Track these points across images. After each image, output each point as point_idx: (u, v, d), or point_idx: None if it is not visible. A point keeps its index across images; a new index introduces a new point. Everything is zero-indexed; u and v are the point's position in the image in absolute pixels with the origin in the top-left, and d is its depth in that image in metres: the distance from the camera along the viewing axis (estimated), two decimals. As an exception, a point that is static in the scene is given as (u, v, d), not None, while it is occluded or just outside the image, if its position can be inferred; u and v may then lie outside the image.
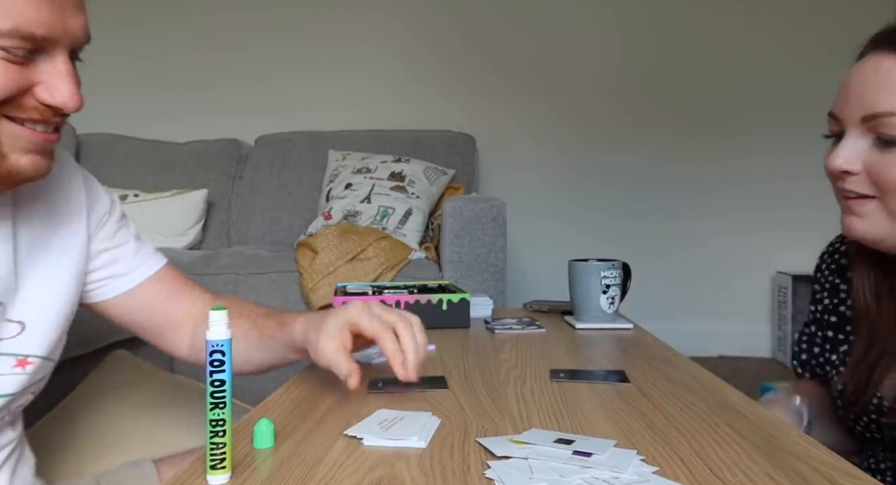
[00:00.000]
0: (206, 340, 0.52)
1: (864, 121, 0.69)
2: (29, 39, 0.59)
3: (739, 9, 2.98)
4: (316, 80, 3.01)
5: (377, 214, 2.22)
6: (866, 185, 0.71)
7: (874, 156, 0.69)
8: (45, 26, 0.60)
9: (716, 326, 2.96)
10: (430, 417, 0.66)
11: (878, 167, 0.69)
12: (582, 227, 3.03)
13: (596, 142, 3.05)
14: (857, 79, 0.71)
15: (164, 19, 3.02)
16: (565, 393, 0.76)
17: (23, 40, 0.59)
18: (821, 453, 0.56)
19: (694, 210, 3.03)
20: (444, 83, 3.03)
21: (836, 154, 0.71)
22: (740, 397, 0.74)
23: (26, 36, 0.59)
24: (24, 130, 0.63)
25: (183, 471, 0.55)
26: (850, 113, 0.71)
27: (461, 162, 2.61)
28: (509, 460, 0.55)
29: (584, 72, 3.04)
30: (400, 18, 3.03)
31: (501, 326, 1.18)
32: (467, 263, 1.96)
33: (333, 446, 0.59)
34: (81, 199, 0.83)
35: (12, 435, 0.80)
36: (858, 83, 0.70)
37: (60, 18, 0.61)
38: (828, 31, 2.81)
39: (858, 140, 0.71)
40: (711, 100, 3.02)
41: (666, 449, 0.57)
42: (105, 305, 0.88)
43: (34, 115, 0.63)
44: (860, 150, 0.70)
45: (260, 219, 2.57)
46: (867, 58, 0.71)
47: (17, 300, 0.74)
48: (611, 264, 1.18)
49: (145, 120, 2.91)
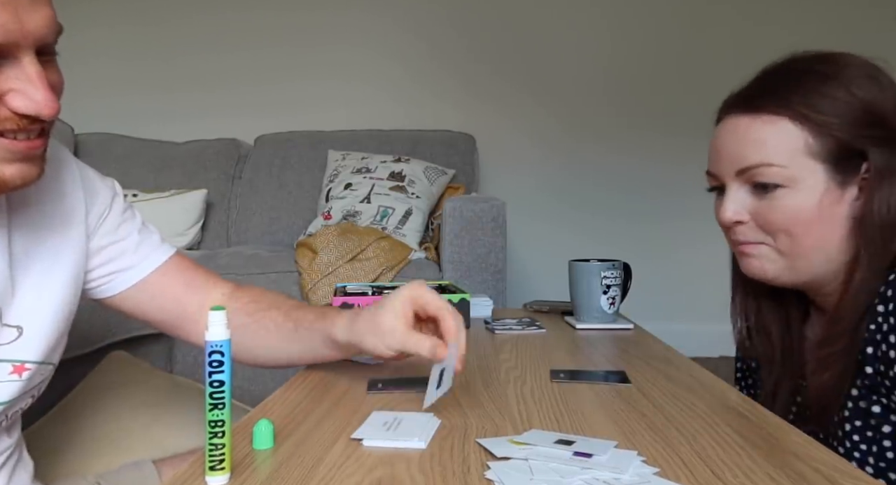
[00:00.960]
0: (205, 341, 0.52)
1: (739, 174, 0.80)
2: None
3: (736, 10, 2.98)
4: (315, 81, 3.01)
5: (377, 214, 2.22)
6: (755, 231, 0.80)
7: (755, 203, 0.79)
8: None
9: (716, 326, 2.94)
10: (431, 417, 0.66)
11: (761, 213, 0.79)
12: (582, 227, 3.02)
13: (596, 142, 3.05)
14: (723, 140, 0.82)
15: (163, 19, 3.02)
16: (565, 393, 0.75)
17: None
18: (822, 454, 0.56)
19: (695, 210, 3.02)
20: (444, 83, 3.03)
21: (724, 208, 0.82)
22: (741, 397, 0.74)
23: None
24: (3, 141, 0.59)
25: (182, 472, 0.55)
26: (725, 169, 0.82)
27: (461, 162, 2.60)
28: (509, 460, 0.54)
29: (584, 72, 3.04)
30: (400, 19, 3.03)
31: (501, 327, 1.17)
32: (467, 264, 1.96)
33: (333, 447, 0.59)
34: (79, 197, 0.81)
35: (9, 441, 0.79)
36: (725, 143, 0.82)
37: (16, 20, 0.55)
38: (821, 32, 2.81)
39: (738, 191, 0.81)
40: (710, 100, 3.01)
41: (667, 450, 0.57)
42: (115, 299, 0.86)
43: (10, 126, 0.59)
44: (742, 199, 0.81)
45: (259, 219, 2.56)
46: (725, 120, 0.82)
47: (14, 305, 0.73)
48: (611, 265, 1.18)
49: (144, 119, 2.90)
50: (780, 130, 0.77)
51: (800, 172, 0.76)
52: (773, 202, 0.77)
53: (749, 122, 0.79)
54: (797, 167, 0.76)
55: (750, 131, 0.79)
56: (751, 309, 0.90)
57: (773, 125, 0.77)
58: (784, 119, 0.76)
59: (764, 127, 0.77)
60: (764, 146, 0.77)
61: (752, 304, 0.90)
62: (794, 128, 0.76)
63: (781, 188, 0.77)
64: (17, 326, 0.73)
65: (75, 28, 3.23)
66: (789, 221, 0.77)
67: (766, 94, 0.79)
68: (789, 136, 0.76)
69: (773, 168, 0.76)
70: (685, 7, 3.00)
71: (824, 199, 0.76)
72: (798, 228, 0.77)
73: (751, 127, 0.79)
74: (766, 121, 0.77)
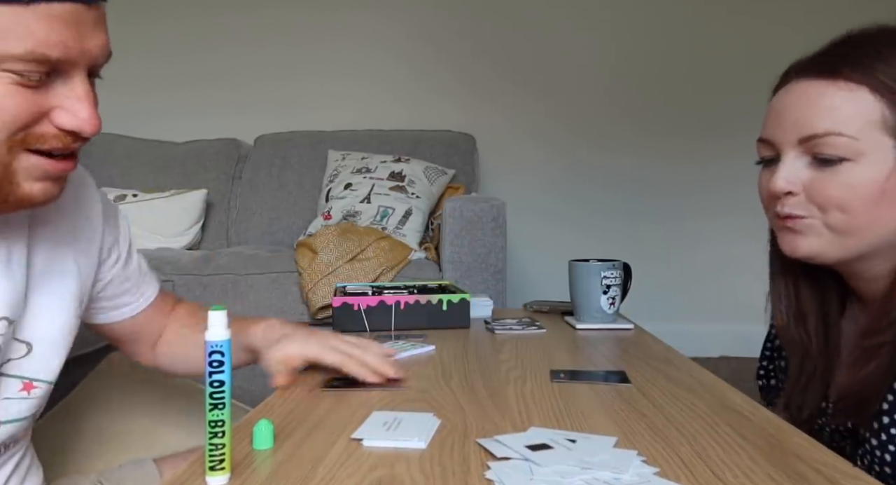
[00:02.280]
0: (205, 341, 0.52)
1: (802, 142, 0.73)
2: (43, 62, 0.56)
3: (738, 12, 2.98)
4: (316, 80, 3.01)
5: (377, 214, 2.22)
6: (804, 205, 0.74)
7: (812, 175, 0.73)
8: (60, 48, 0.57)
9: (717, 326, 2.95)
10: (431, 417, 0.66)
11: (817, 186, 0.73)
12: (582, 227, 3.02)
13: (596, 142, 3.05)
14: (789, 104, 0.75)
15: (162, 19, 3.02)
16: (565, 393, 0.75)
17: (37, 64, 0.56)
18: (822, 454, 0.56)
19: (695, 210, 3.03)
20: (444, 83, 3.03)
21: (776, 176, 0.75)
22: (741, 397, 0.74)
23: (40, 59, 0.56)
24: (40, 160, 0.61)
25: (182, 472, 0.55)
26: (786, 136, 0.75)
27: (461, 162, 2.60)
28: (509, 460, 0.54)
29: (585, 73, 3.04)
30: (400, 19, 3.03)
31: (501, 327, 1.17)
32: (467, 264, 1.96)
33: (333, 447, 0.59)
34: (97, 226, 0.82)
35: (14, 448, 0.79)
36: (791, 108, 0.75)
37: (78, 39, 0.58)
38: (826, 34, 2.81)
39: (796, 161, 0.74)
40: (711, 101, 3.02)
41: (667, 450, 0.57)
42: (96, 324, 0.91)
43: (55, 145, 0.60)
44: (799, 170, 0.74)
45: (259, 219, 2.56)
46: (794, 84, 0.75)
47: (26, 320, 0.73)
48: (611, 265, 1.18)
49: (144, 119, 2.90)
50: (857, 99, 0.71)
51: (870, 146, 0.70)
52: (835, 176, 0.72)
53: (823, 87, 0.72)
54: (868, 140, 0.70)
55: (824, 97, 0.72)
56: (790, 293, 0.84)
57: (849, 93, 0.71)
58: (863, 88, 0.70)
59: (839, 93, 0.71)
60: (836, 114, 0.71)
61: (791, 287, 0.84)
62: (872, 99, 0.70)
63: (846, 162, 0.71)
64: (26, 343, 0.74)
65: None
66: (848, 196, 0.71)
67: (847, 60, 0.72)
68: (866, 106, 0.70)
69: (843, 138, 0.71)
70: (688, 8, 3.00)
71: (892, 177, 0.70)
72: (856, 204, 0.71)
73: (825, 93, 0.72)
74: (843, 87, 0.71)
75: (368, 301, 1.18)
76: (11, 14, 0.54)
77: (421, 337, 1.09)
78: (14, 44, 0.54)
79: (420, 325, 1.18)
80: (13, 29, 0.54)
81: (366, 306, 1.17)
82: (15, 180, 0.60)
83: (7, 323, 0.69)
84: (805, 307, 0.83)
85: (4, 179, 0.59)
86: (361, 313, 1.18)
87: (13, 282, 0.70)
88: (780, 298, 0.85)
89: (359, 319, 1.17)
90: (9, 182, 0.60)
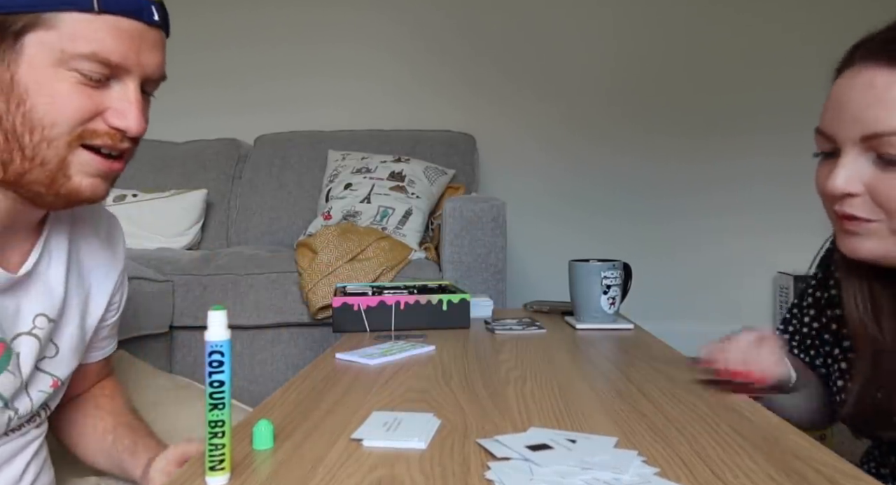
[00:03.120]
0: (205, 341, 0.52)
1: (864, 140, 0.66)
2: (104, 64, 0.65)
3: (740, 9, 2.98)
4: (316, 80, 3.01)
5: (377, 214, 2.22)
6: (868, 207, 0.67)
7: (876, 176, 0.66)
8: (120, 54, 0.66)
9: (717, 326, 2.93)
10: (431, 418, 0.66)
11: (882, 188, 0.66)
12: (582, 227, 3.02)
13: (596, 142, 3.05)
14: (853, 95, 0.67)
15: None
16: (565, 393, 0.75)
17: (99, 64, 0.65)
18: (822, 454, 0.56)
19: (695, 210, 3.03)
20: (444, 83, 3.03)
21: (835, 175, 0.68)
22: (741, 397, 0.74)
23: (102, 60, 0.65)
24: (93, 157, 0.68)
25: (181, 472, 0.55)
26: (848, 132, 0.67)
27: (461, 162, 2.60)
28: (509, 460, 0.54)
29: (584, 72, 3.04)
30: (400, 18, 3.03)
31: (501, 327, 1.17)
32: (467, 264, 1.96)
33: (333, 447, 0.59)
34: (119, 266, 0.90)
35: (37, 432, 0.83)
36: (855, 100, 0.66)
37: (136, 51, 0.67)
38: (831, 33, 2.81)
39: (858, 159, 0.67)
40: (712, 101, 3.02)
41: (667, 450, 0.57)
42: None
43: (106, 141, 0.68)
44: (861, 169, 0.67)
45: (259, 219, 2.56)
46: (859, 72, 0.67)
47: (59, 326, 0.80)
48: (611, 265, 1.18)
49: (145, 120, 2.90)
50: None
51: None
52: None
53: (893, 77, 0.64)
54: None
55: (891, 89, 0.64)
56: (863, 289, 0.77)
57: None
58: None
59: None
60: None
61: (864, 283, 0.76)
62: None
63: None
64: (56, 345, 0.80)
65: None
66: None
67: None
68: None
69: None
70: (689, 7, 3.00)
71: None
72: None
73: (891, 84, 0.64)
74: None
75: (368, 301, 1.18)
76: (84, 21, 0.64)
77: (421, 337, 1.09)
78: (82, 45, 0.64)
79: (420, 325, 1.18)
80: (84, 34, 0.64)
81: (366, 306, 1.17)
82: (68, 173, 0.67)
83: (49, 323, 0.77)
84: (880, 303, 0.76)
85: (59, 171, 0.67)
86: (361, 313, 1.18)
87: (57, 289, 0.78)
88: (853, 295, 0.77)
89: (359, 319, 1.17)
90: (63, 175, 0.67)
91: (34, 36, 0.63)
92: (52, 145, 0.65)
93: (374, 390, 0.77)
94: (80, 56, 0.64)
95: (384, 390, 0.77)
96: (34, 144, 0.65)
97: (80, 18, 0.64)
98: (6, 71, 0.63)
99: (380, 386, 0.79)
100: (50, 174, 0.67)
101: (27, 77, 0.63)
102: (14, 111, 0.64)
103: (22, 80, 0.63)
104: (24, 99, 0.64)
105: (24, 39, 0.63)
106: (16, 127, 0.64)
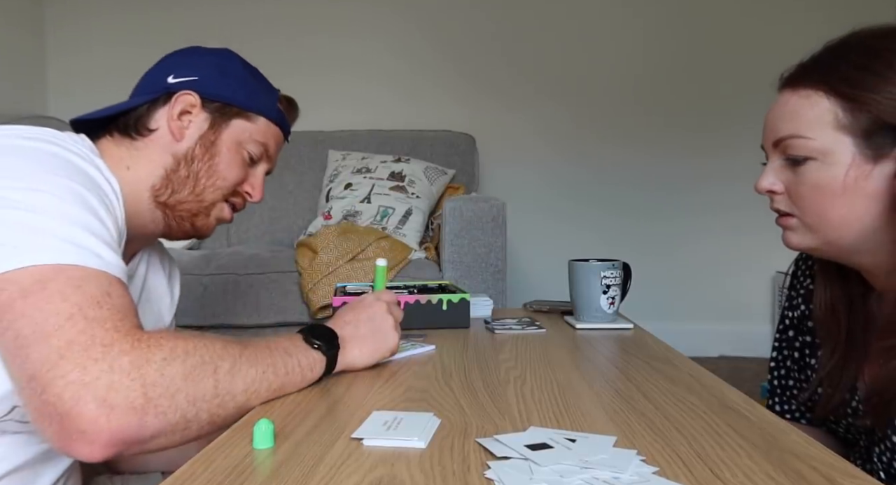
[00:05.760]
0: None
1: (775, 146, 0.81)
2: (260, 152, 0.94)
3: (742, 8, 2.98)
4: (316, 79, 3.01)
5: (377, 214, 2.22)
6: (787, 203, 0.82)
7: (789, 176, 0.80)
8: (271, 150, 0.96)
9: (716, 326, 2.96)
10: (431, 417, 0.66)
11: (792, 186, 0.80)
12: (582, 227, 3.03)
13: (596, 142, 3.05)
14: (769, 114, 0.84)
15: (161, 15, 3.02)
16: (565, 393, 0.75)
17: (257, 151, 0.94)
18: (820, 453, 0.56)
19: (694, 210, 3.03)
20: (445, 83, 3.03)
21: (760, 177, 0.83)
22: (741, 397, 0.74)
23: (259, 149, 0.94)
24: (225, 208, 0.94)
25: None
26: (766, 141, 0.83)
27: (461, 162, 2.61)
28: (509, 460, 0.54)
29: (584, 71, 3.04)
30: (401, 17, 3.03)
31: (501, 327, 1.17)
32: (467, 263, 1.96)
33: (333, 447, 0.59)
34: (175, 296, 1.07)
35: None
36: (769, 117, 0.83)
37: (273, 150, 0.97)
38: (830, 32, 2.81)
39: (775, 162, 0.82)
40: (711, 99, 3.02)
41: (666, 449, 0.57)
42: None
43: (239, 201, 0.96)
44: (779, 171, 0.82)
45: (259, 219, 2.56)
46: (781, 95, 0.83)
47: None
48: (611, 264, 1.18)
49: (145, 120, 2.90)
50: (812, 104, 0.77)
51: (830, 145, 0.75)
52: (803, 175, 0.78)
53: (789, 96, 0.80)
54: (825, 140, 0.75)
55: (788, 105, 0.80)
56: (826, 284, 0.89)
57: (807, 99, 0.78)
58: (819, 93, 0.77)
59: (799, 101, 0.79)
60: (795, 119, 0.78)
61: (827, 279, 0.89)
62: (825, 101, 0.76)
63: (812, 161, 0.77)
64: None
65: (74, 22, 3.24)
66: (814, 194, 0.77)
67: (813, 69, 0.79)
68: (819, 109, 0.76)
69: (801, 140, 0.77)
70: (689, 5, 3.00)
71: (851, 172, 0.75)
72: (823, 201, 0.77)
73: (789, 101, 0.80)
74: (803, 95, 0.78)
75: (368, 301, 1.18)
76: (266, 124, 0.95)
77: (421, 337, 1.09)
78: (260, 137, 0.94)
79: (420, 325, 1.18)
80: (263, 131, 0.94)
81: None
82: (209, 214, 0.93)
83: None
84: (835, 298, 0.87)
85: (203, 212, 0.92)
86: (361, 313, 1.17)
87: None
88: (819, 289, 0.90)
89: (359, 318, 1.17)
90: (204, 215, 0.92)
91: (239, 121, 0.92)
92: (215, 192, 0.91)
93: (374, 389, 0.78)
94: (256, 143, 0.93)
95: (384, 389, 0.78)
96: (204, 186, 0.90)
97: (265, 122, 0.94)
98: (214, 134, 0.90)
99: (380, 386, 0.79)
100: (199, 209, 0.91)
101: (223, 143, 0.90)
102: (206, 160, 0.89)
103: (220, 143, 0.90)
104: (214, 155, 0.90)
105: (232, 121, 0.91)
106: (200, 171, 0.89)
